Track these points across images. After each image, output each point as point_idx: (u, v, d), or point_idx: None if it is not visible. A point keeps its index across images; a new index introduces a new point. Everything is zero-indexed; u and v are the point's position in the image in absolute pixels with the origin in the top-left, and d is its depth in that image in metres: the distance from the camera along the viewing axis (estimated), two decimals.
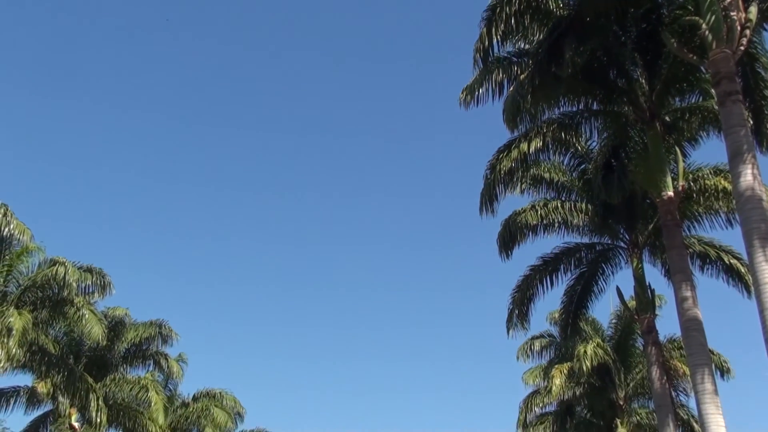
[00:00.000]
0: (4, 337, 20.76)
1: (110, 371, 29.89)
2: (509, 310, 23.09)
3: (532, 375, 33.56)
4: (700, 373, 15.83)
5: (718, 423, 15.33)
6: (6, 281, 24.23)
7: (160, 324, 30.94)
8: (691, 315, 16.84)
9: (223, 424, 35.81)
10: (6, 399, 27.60)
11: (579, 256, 23.07)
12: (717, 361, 25.73)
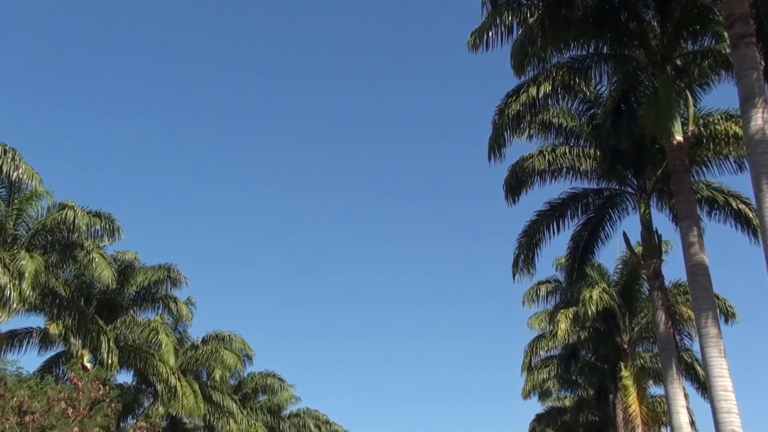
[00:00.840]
0: (16, 280, 20.99)
1: (120, 314, 30.26)
2: (515, 254, 23.16)
3: (537, 320, 33.89)
4: (704, 317, 15.93)
5: (721, 366, 15.49)
6: (16, 225, 24.40)
7: (168, 268, 31.20)
8: (697, 260, 16.89)
9: (233, 365, 36.40)
10: (19, 340, 28.05)
11: (586, 202, 23.03)
12: (722, 306, 25.85)
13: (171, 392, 29.97)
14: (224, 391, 36.55)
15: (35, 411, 19.03)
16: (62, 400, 19.80)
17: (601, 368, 32.95)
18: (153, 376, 29.84)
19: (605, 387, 32.80)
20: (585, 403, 37.19)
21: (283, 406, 45.50)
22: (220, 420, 35.44)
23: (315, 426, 48.10)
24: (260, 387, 43.24)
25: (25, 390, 19.73)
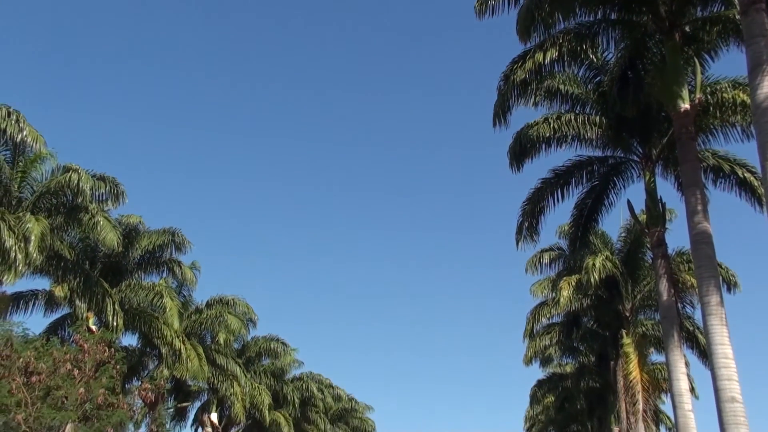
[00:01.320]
0: (22, 242, 21.09)
1: (125, 277, 30.45)
2: (519, 222, 23.15)
3: (540, 287, 33.99)
4: (706, 285, 15.95)
5: (722, 334, 15.54)
6: (21, 187, 24.45)
7: (173, 232, 31.31)
8: (701, 228, 16.86)
9: (236, 329, 36.66)
10: (25, 302, 28.28)
11: (591, 170, 22.96)
12: (724, 275, 25.89)
13: (175, 355, 30.26)
14: (228, 354, 36.86)
15: (41, 372, 19.25)
16: (68, 361, 20.01)
17: (603, 335, 33.13)
18: (158, 339, 30.12)
19: (606, 354, 33.00)
20: (586, 370, 37.47)
21: (287, 369, 45.89)
22: (224, 383, 35.78)
23: (318, 389, 48.51)
24: (264, 351, 43.61)
25: (32, 351, 19.94)
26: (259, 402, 39.07)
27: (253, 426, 44.40)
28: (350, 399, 55.39)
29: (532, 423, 53.70)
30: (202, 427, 38.89)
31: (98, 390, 19.81)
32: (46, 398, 19.07)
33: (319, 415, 48.58)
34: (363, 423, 55.99)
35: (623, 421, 30.22)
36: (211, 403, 38.67)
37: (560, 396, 42.64)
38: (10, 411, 18.00)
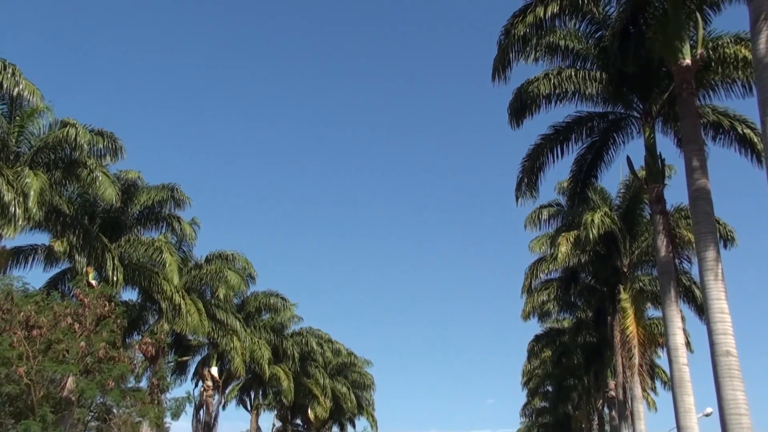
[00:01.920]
0: (21, 197, 21.07)
1: (124, 233, 30.44)
2: (518, 178, 23.13)
3: (538, 243, 34.04)
4: (704, 241, 16.02)
5: (718, 289, 15.65)
6: (18, 142, 24.35)
7: (172, 188, 31.24)
8: (699, 185, 16.87)
9: (236, 285, 36.80)
10: (25, 256, 28.33)
11: (591, 126, 22.87)
12: (722, 231, 25.94)
13: (175, 310, 30.43)
14: (228, 309, 37.08)
15: (42, 326, 19.41)
16: (68, 315, 20.18)
17: (600, 291, 33.32)
18: (157, 294, 30.26)
19: (604, 309, 33.24)
20: (583, 325, 37.79)
21: (286, 324, 46.22)
22: (224, 338, 36.06)
23: (317, 344, 48.93)
24: (263, 306, 43.86)
25: (32, 305, 20.07)
26: (258, 356, 39.43)
27: (253, 380, 44.95)
28: (349, 354, 55.89)
29: (530, 377, 54.33)
30: (203, 380, 39.32)
31: (99, 344, 20.00)
32: (47, 352, 19.26)
33: (319, 369, 49.04)
34: (362, 377, 56.57)
35: (619, 375, 30.54)
36: (212, 357, 39.03)
37: (557, 351, 43.04)
38: (12, 364, 18.17)
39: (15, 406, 19.04)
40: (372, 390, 58.05)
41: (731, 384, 14.80)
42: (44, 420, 17.25)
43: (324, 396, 48.52)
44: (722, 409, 14.81)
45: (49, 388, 20.44)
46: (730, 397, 14.69)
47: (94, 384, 19.66)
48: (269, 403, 49.20)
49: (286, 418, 51.30)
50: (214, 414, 39.22)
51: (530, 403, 59.70)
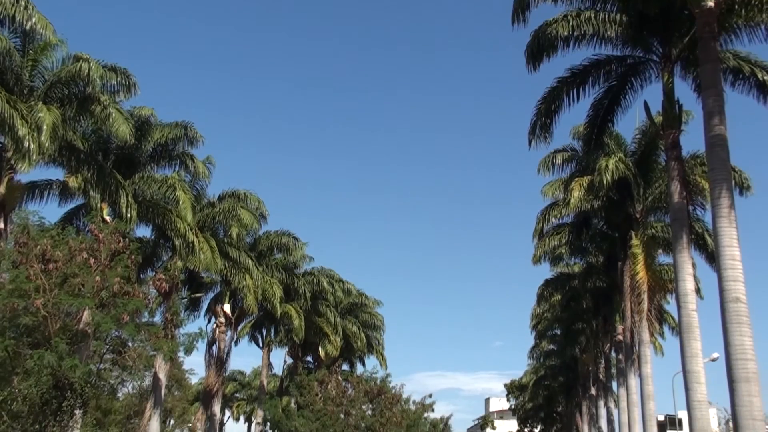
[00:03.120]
0: (35, 132, 21.12)
1: (138, 170, 30.61)
2: (532, 121, 22.96)
3: (551, 188, 33.95)
4: (718, 188, 15.95)
5: (731, 236, 15.65)
6: (32, 76, 24.28)
7: (185, 125, 31.25)
8: (717, 131, 16.72)
9: (249, 224, 37.10)
10: (40, 191, 28.60)
11: (608, 69, 22.58)
12: (737, 178, 25.78)
13: (189, 247, 30.74)
14: (240, 248, 37.38)
15: (58, 260, 19.59)
16: (84, 250, 20.33)
17: (612, 237, 33.33)
18: (171, 232, 30.55)
19: (615, 255, 33.30)
20: (594, 270, 37.90)
21: (298, 264, 46.59)
22: (237, 275, 36.44)
23: (328, 284, 49.35)
24: (275, 245, 44.20)
25: (48, 239, 20.23)
26: (270, 294, 39.89)
27: (265, 317, 45.58)
28: (360, 294, 56.40)
29: (538, 320, 54.83)
30: (215, 317, 39.90)
31: (114, 279, 20.19)
32: (63, 285, 19.47)
33: (329, 308, 49.59)
34: (372, 317, 57.16)
35: (627, 319, 30.76)
36: (224, 294, 39.52)
37: (567, 295, 43.28)
38: (29, 296, 18.43)
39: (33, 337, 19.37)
40: (381, 330, 58.74)
41: (739, 330, 14.91)
42: (59, 350, 17.57)
43: (335, 334, 49.17)
44: (729, 354, 14.95)
45: (66, 321, 20.73)
46: (737, 343, 14.81)
47: (109, 318, 19.91)
48: (281, 340, 49.92)
49: (297, 355, 52.12)
50: (226, 350, 39.91)
51: (538, 346, 60.35)
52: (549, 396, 67.85)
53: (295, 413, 44.12)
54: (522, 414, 78.04)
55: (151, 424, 33.34)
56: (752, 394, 14.52)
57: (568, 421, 64.73)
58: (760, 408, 14.63)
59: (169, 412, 63.66)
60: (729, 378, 14.85)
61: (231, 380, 73.87)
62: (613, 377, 45.12)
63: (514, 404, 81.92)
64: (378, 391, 46.25)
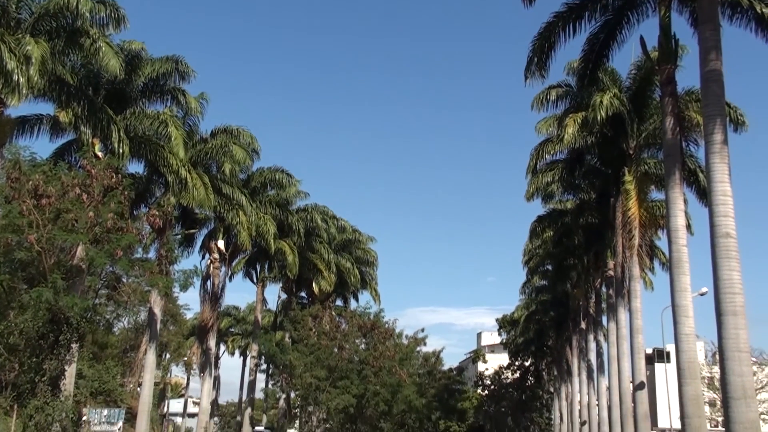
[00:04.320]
0: (23, 65, 20.83)
1: (129, 105, 30.32)
2: (528, 58, 22.71)
3: (545, 124, 33.74)
4: (712, 123, 15.88)
5: (723, 172, 15.66)
6: (18, 8, 23.84)
7: (176, 60, 30.82)
8: (712, 66, 16.58)
9: (241, 159, 36.96)
10: (30, 126, 28.35)
11: (605, 3, 22.25)
12: (732, 115, 25.65)
13: (181, 183, 30.69)
14: (233, 184, 37.35)
15: (51, 195, 19.61)
16: (76, 185, 20.35)
17: (605, 173, 33.31)
18: (163, 168, 30.45)
19: (607, 191, 33.36)
20: (586, 206, 37.96)
21: (291, 200, 46.63)
22: (230, 212, 36.49)
23: (322, 220, 49.49)
24: (269, 181, 44.15)
25: (40, 175, 20.20)
26: (264, 231, 40.03)
27: (259, 253, 45.83)
28: (354, 230, 56.59)
29: (530, 256, 55.14)
30: (210, 253, 40.07)
31: (107, 214, 20.26)
32: (56, 221, 19.54)
33: (323, 244, 49.82)
34: (366, 254, 57.46)
35: (619, 255, 31.01)
36: (218, 230, 39.61)
37: (559, 231, 43.43)
38: (23, 231, 18.48)
39: (27, 272, 19.52)
40: (375, 266, 59.12)
41: (728, 264, 15.05)
42: (55, 286, 17.69)
43: (328, 270, 49.52)
44: (717, 288, 15.13)
45: (60, 256, 20.88)
46: (725, 277, 14.97)
47: (103, 253, 20.03)
48: (275, 276, 50.29)
49: (291, 290, 52.58)
50: (220, 285, 40.24)
51: (530, 282, 60.82)
52: (540, 330, 68.72)
53: (290, 347, 44.83)
54: (513, 348, 79.15)
55: (147, 358, 33.82)
56: (739, 327, 14.75)
57: (558, 355, 65.82)
58: (746, 340, 14.87)
59: (165, 347, 64.47)
60: (717, 311, 15.05)
61: (226, 315, 74.58)
62: (603, 312, 45.72)
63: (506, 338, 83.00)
64: (371, 326, 46.93)
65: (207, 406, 40.97)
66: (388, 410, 42.26)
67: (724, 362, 14.88)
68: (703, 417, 19.83)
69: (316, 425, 46.52)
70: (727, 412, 14.64)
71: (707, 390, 60.98)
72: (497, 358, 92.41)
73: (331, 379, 40.45)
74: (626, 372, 32.42)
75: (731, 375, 14.60)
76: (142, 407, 33.23)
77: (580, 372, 53.11)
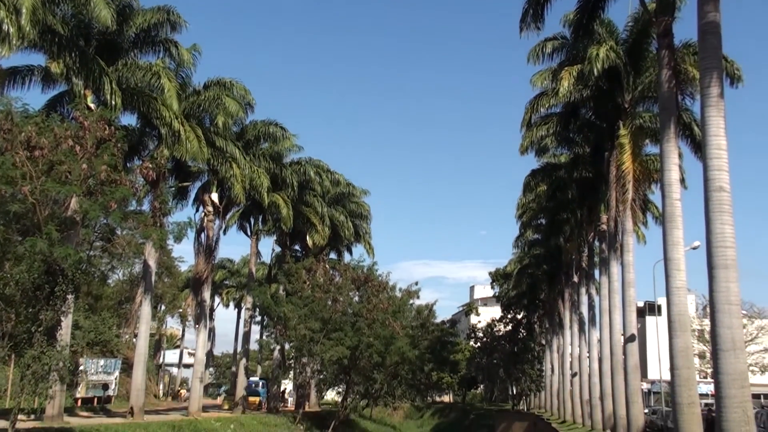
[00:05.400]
0: (13, 15, 20.50)
1: (121, 56, 30.02)
2: (524, 9, 22.55)
3: (540, 77, 33.49)
4: (708, 76, 15.79)
5: (718, 126, 15.62)
6: None
7: (168, 10, 30.45)
8: (710, 18, 16.40)
9: (235, 112, 36.74)
10: (21, 77, 28.04)
11: None
12: (729, 68, 25.52)
13: (175, 136, 30.56)
14: (227, 137, 37.17)
15: (44, 147, 19.46)
16: (69, 137, 20.17)
17: (600, 127, 33.23)
18: (156, 120, 30.30)
19: (602, 145, 33.33)
20: (580, 160, 37.95)
21: (285, 154, 46.48)
22: (224, 165, 36.40)
23: (315, 174, 49.40)
24: (262, 135, 43.93)
25: (32, 126, 20.02)
26: (258, 184, 39.98)
27: (253, 206, 45.81)
28: (348, 184, 56.55)
29: (524, 210, 55.29)
30: (203, 206, 40.05)
31: (100, 166, 20.12)
32: (49, 173, 19.42)
33: (317, 198, 49.80)
34: (359, 207, 57.51)
35: (612, 209, 31.08)
36: (212, 183, 39.51)
37: (553, 185, 43.47)
38: (16, 183, 18.40)
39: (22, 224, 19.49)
40: (369, 220, 59.27)
41: (720, 218, 15.11)
42: (50, 238, 17.68)
43: (322, 224, 49.59)
44: (709, 242, 15.21)
45: (54, 209, 20.82)
46: (718, 231, 15.04)
47: (97, 205, 19.95)
48: (269, 229, 50.36)
49: (285, 243, 52.71)
50: (214, 238, 40.28)
51: (523, 235, 61.06)
52: (532, 284, 69.21)
53: (284, 300, 45.07)
54: (506, 301, 79.87)
55: (142, 309, 34.05)
56: (730, 280, 14.87)
57: (551, 308, 66.42)
58: (737, 293, 15.01)
59: (160, 298, 64.88)
60: (709, 265, 15.15)
61: (220, 268, 74.91)
62: (596, 266, 46.00)
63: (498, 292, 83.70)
64: (365, 279, 47.20)
65: (202, 356, 41.38)
66: (382, 362, 42.72)
67: (714, 315, 15.04)
68: (693, 368, 20.13)
69: (310, 376, 47.08)
70: (716, 363, 14.85)
71: (697, 342, 61.80)
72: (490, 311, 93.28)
73: (325, 331, 40.79)
74: (617, 325, 32.78)
75: (721, 327, 14.77)
76: (138, 358, 33.55)
77: (571, 325, 53.69)
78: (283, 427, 38.51)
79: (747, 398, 14.61)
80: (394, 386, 50.38)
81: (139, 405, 32.40)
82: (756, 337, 66.41)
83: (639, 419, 29.33)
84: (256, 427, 35.45)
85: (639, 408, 29.66)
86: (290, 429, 39.07)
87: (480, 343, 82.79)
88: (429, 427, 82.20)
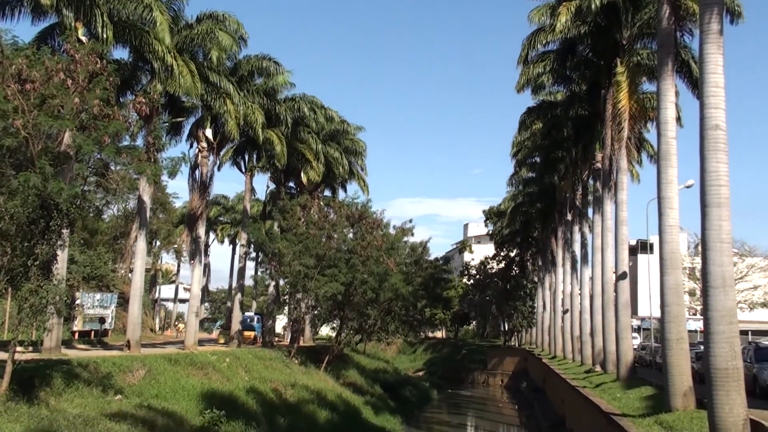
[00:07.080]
0: None
1: None
2: None
3: (538, 13, 32.97)
4: (709, 12, 15.59)
5: (717, 63, 15.50)
6: None
7: None
8: None
9: (228, 47, 36.17)
10: (11, 8, 27.44)
11: None
12: (729, 4, 25.14)
13: (168, 70, 30.20)
14: (220, 72, 36.68)
15: (35, 80, 19.20)
16: (61, 71, 19.89)
17: (597, 64, 32.93)
18: (149, 54, 29.90)
19: (599, 83, 33.09)
20: (576, 98, 37.70)
21: (279, 89, 45.96)
22: (217, 100, 36.02)
23: (310, 110, 48.96)
24: (256, 69, 43.32)
25: (23, 59, 19.72)
26: (252, 120, 39.66)
27: (247, 143, 45.56)
28: (342, 121, 56.18)
29: (519, 148, 55.22)
30: (197, 141, 39.81)
31: (93, 100, 19.89)
32: (41, 106, 19.21)
33: (311, 134, 49.49)
34: (354, 144, 57.26)
35: (607, 147, 31.06)
36: (206, 119, 39.20)
37: (548, 123, 43.29)
38: (8, 117, 18.23)
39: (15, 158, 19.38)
40: (363, 157, 59.09)
41: (715, 156, 15.12)
42: (44, 172, 17.62)
43: (316, 160, 49.44)
44: (703, 180, 15.25)
45: (47, 143, 20.68)
46: (712, 169, 15.07)
47: (90, 140, 19.80)
48: (263, 165, 50.18)
49: (279, 180, 52.65)
50: (209, 174, 40.15)
51: (517, 174, 61.06)
52: (526, 222, 69.57)
53: (279, 236, 45.26)
54: (499, 239, 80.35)
55: (137, 245, 34.15)
56: (722, 218, 14.97)
57: (543, 246, 66.89)
58: (729, 232, 15.12)
59: (155, 234, 65.06)
60: (702, 203, 15.23)
61: (215, 204, 74.87)
62: (589, 204, 46.17)
63: (492, 229, 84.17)
64: (359, 216, 47.32)
65: (197, 292, 41.70)
66: (375, 298, 43.15)
67: (706, 252, 15.18)
68: (683, 305, 20.42)
69: (304, 312, 47.60)
70: (706, 300, 15.06)
71: (687, 280, 62.50)
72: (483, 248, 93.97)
73: (320, 268, 41.08)
74: (609, 262, 33.08)
75: (712, 265, 14.93)
76: (133, 292, 33.81)
77: (564, 262, 54.16)
78: (278, 360, 39.09)
79: (735, 334, 14.86)
80: (388, 322, 50.98)
81: (135, 338, 32.78)
82: (746, 275, 67.15)
83: (628, 355, 29.86)
84: (252, 360, 35.97)
85: (628, 344, 30.18)
86: (285, 363, 39.66)
87: (473, 280, 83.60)
88: (422, 361, 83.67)
